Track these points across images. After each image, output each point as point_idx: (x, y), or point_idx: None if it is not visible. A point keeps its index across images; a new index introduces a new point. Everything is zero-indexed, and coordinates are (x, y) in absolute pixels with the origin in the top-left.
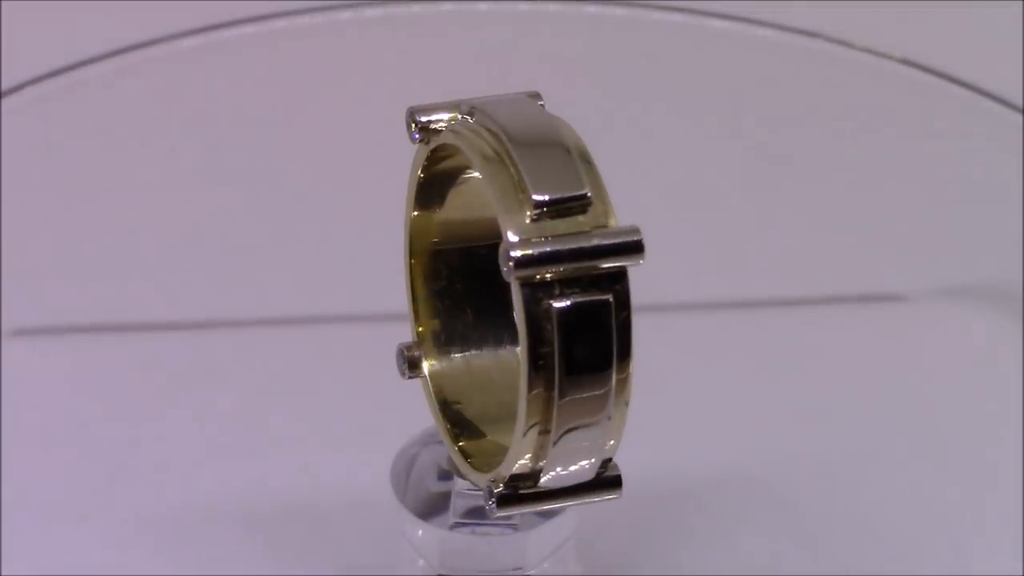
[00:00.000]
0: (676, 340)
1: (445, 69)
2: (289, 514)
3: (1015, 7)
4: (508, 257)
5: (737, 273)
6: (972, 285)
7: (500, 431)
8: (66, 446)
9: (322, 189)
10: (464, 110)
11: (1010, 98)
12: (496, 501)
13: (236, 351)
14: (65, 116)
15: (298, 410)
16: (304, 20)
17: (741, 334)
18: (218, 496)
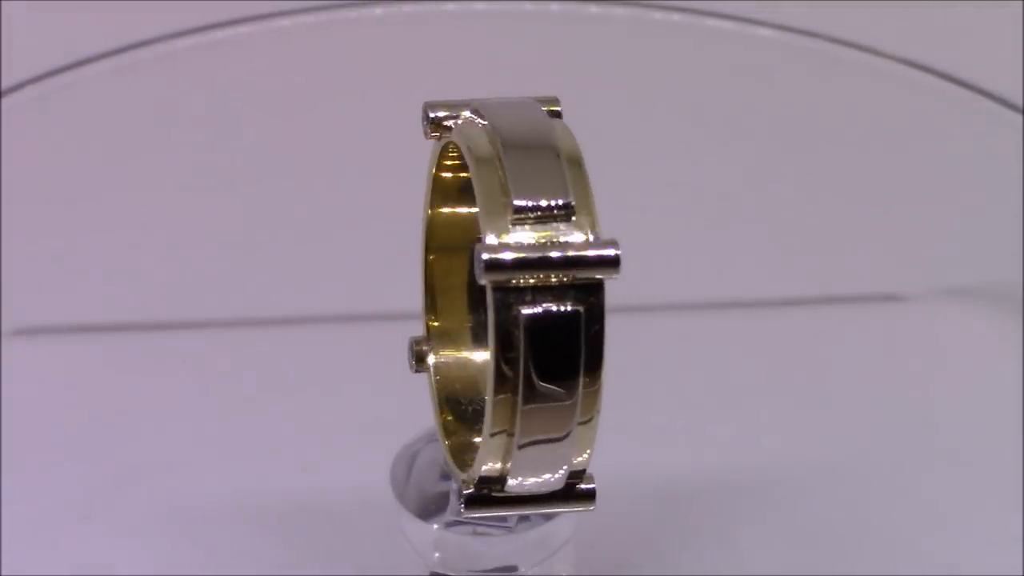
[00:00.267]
0: (676, 340)
1: (445, 69)
2: (289, 514)
3: (1015, 7)
4: (480, 260)
5: (737, 273)
6: (972, 285)
7: None
8: (66, 446)
9: (322, 189)
10: (472, 109)
11: (1010, 98)
12: (464, 502)
13: (236, 351)
14: (65, 116)
15: (298, 410)
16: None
17: (741, 334)
18: (218, 496)
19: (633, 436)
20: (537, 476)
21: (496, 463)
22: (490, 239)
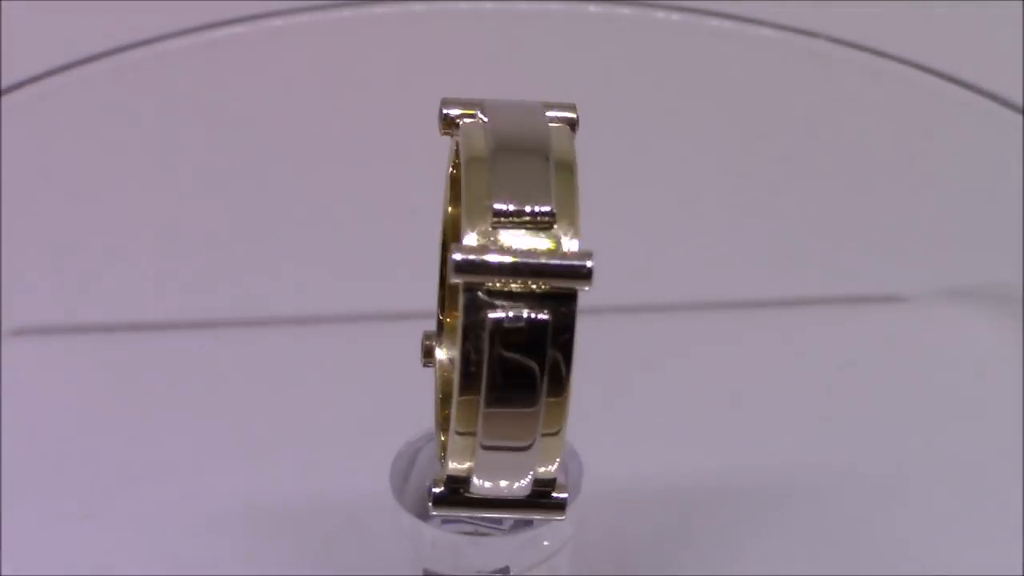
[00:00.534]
0: (675, 340)
1: (445, 69)
2: (289, 514)
3: (1015, 7)
4: (451, 259)
5: (737, 273)
6: (972, 286)
7: None
8: (66, 446)
9: (322, 189)
10: (482, 108)
11: (1010, 98)
12: (432, 500)
13: (236, 351)
14: (65, 115)
15: (298, 410)
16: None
17: (741, 334)
18: (218, 496)
19: (632, 436)
20: (501, 480)
21: (462, 463)
22: (467, 240)
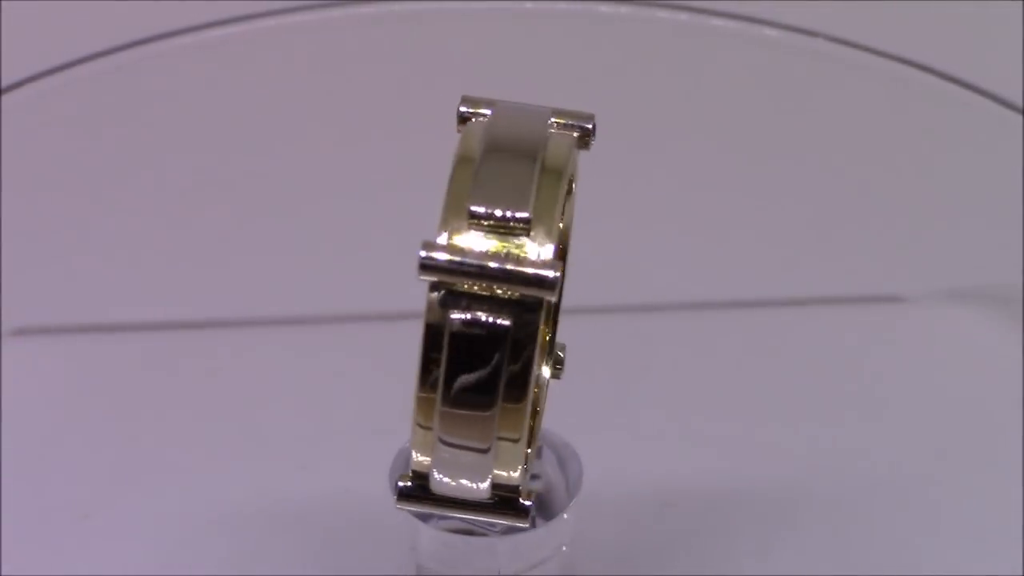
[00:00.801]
0: (674, 340)
1: (444, 69)
2: (288, 514)
3: (1015, 7)
4: (417, 256)
5: (736, 273)
6: (972, 286)
7: None
8: (66, 446)
9: (323, 188)
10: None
11: (1010, 98)
12: (397, 494)
13: (236, 351)
14: (65, 115)
15: (298, 410)
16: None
17: (741, 334)
18: (218, 496)
19: (631, 436)
20: (458, 479)
21: (424, 458)
22: (440, 238)
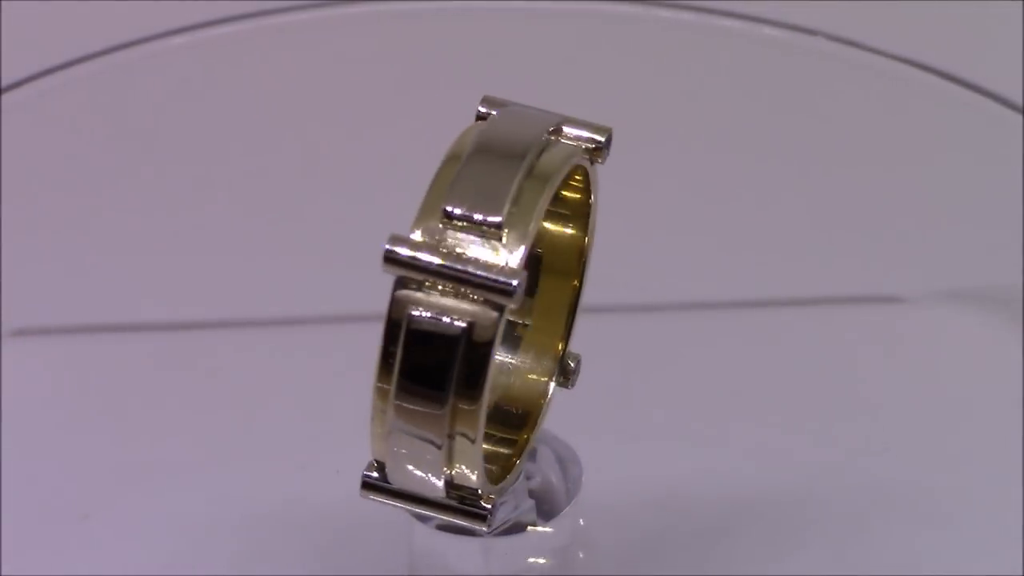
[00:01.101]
0: (674, 340)
1: (442, 68)
2: (288, 514)
3: (1015, 7)
4: (382, 249)
5: (736, 273)
6: (971, 287)
7: None
8: (66, 446)
9: (323, 189)
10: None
11: (1010, 98)
12: (361, 484)
13: (236, 351)
14: (65, 115)
15: (298, 410)
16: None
17: (741, 334)
18: (217, 496)
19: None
20: (411, 474)
21: (382, 449)
22: (412, 234)
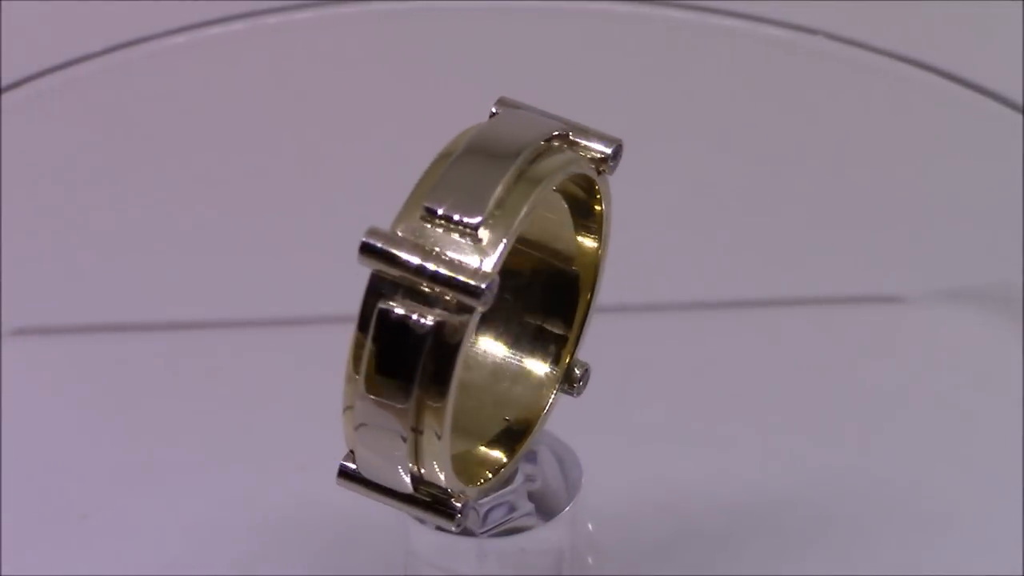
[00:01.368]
0: (674, 340)
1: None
2: (288, 514)
3: (1015, 6)
4: (361, 241)
5: (736, 273)
6: (971, 286)
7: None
8: (66, 446)
9: (323, 188)
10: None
11: (1010, 97)
12: (338, 472)
13: (236, 351)
14: (65, 115)
15: (298, 410)
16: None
17: (741, 334)
18: (217, 495)
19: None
20: (379, 466)
21: (352, 439)
22: (393, 229)
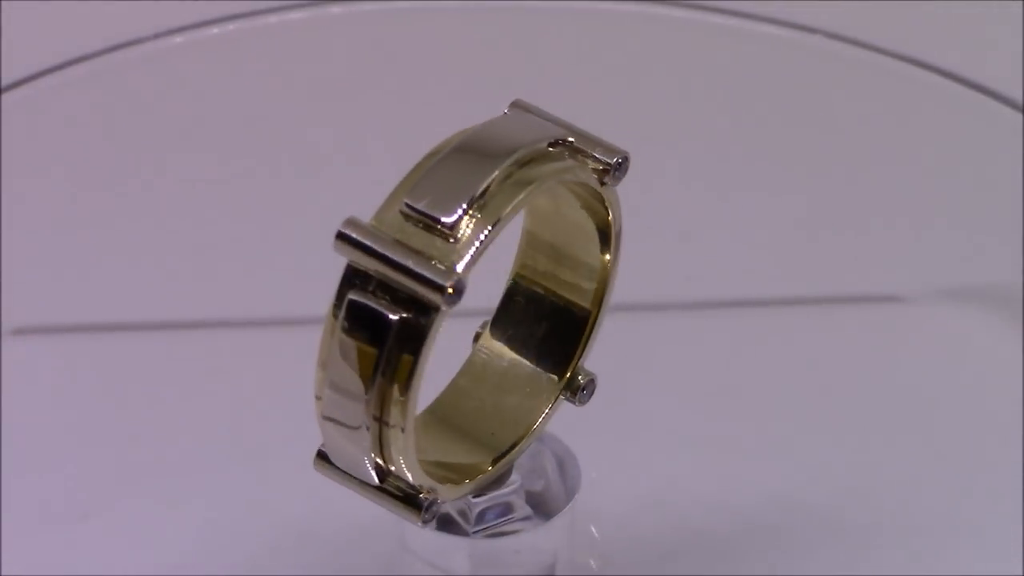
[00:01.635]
0: (674, 340)
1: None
2: (287, 513)
3: (1015, 6)
4: (337, 231)
5: (736, 273)
6: (971, 286)
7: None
8: (66, 446)
9: (323, 188)
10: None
11: (1011, 96)
12: (316, 455)
13: (236, 351)
14: (65, 115)
15: (298, 410)
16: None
17: (741, 334)
18: (216, 495)
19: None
20: (343, 456)
21: (321, 427)
22: (371, 222)
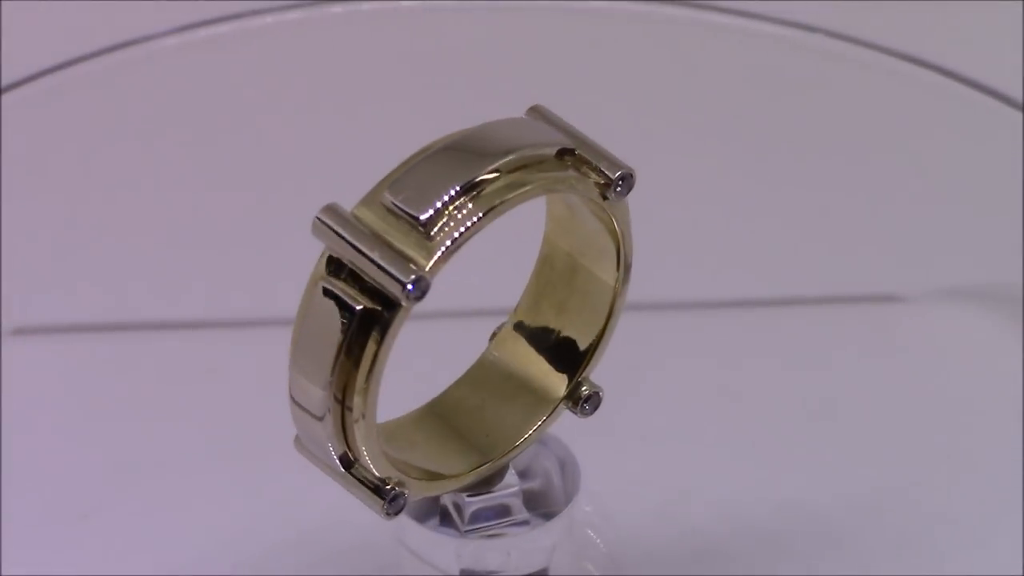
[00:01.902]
0: (674, 340)
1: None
2: (287, 513)
3: (1015, 5)
4: (315, 217)
5: (736, 273)
6: (971, 286)
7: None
8: (66, 446)
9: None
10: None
11: (1011, 95)
12: (295, 437)
13: (236, 351)
14: (65, 115)
15: None
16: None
17: (739, 334)
18: (216, 495)
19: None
20: (308, 441)
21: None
22: (350, 211)
